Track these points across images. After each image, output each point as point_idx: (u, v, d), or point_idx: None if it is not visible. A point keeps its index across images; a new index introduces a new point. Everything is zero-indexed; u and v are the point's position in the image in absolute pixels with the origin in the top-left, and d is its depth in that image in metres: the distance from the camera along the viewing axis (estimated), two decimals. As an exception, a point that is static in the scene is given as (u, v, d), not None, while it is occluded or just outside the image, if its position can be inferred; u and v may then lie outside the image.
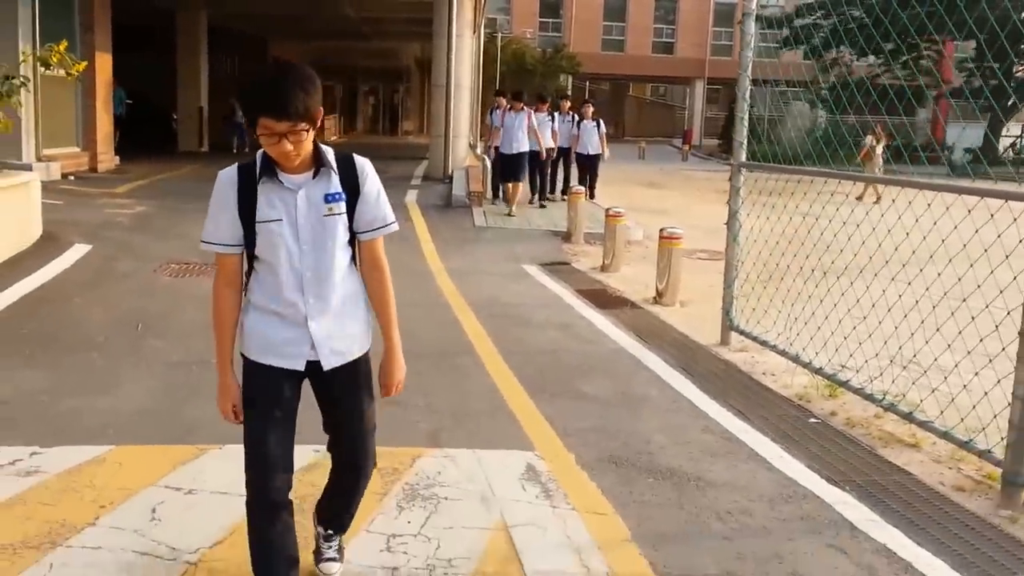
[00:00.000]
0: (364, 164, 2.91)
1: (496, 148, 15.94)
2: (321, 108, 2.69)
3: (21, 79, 9.80)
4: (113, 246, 10.33)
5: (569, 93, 49.99)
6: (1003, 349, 4.64)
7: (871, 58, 28.36)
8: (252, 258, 2.86)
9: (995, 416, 4.72)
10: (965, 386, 5.01)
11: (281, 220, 2.76)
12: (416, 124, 50.93)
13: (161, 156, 22.13)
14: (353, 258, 2.95)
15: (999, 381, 4.71)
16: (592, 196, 16.82)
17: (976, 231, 4.94)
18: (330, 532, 3.32)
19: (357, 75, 50.78)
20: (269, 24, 30.10)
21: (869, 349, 5.89)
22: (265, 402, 2.85)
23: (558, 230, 13.84)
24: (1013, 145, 33.67)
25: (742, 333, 7.37)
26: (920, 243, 5.57)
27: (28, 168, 12.09)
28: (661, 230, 9.46)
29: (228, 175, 2.81)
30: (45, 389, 5.45)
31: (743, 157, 7.50)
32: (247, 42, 31.17)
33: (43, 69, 12.15)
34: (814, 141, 11.97)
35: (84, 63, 10.33)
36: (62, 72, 11.09)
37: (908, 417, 5.31)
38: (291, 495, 2.89)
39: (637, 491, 4.38)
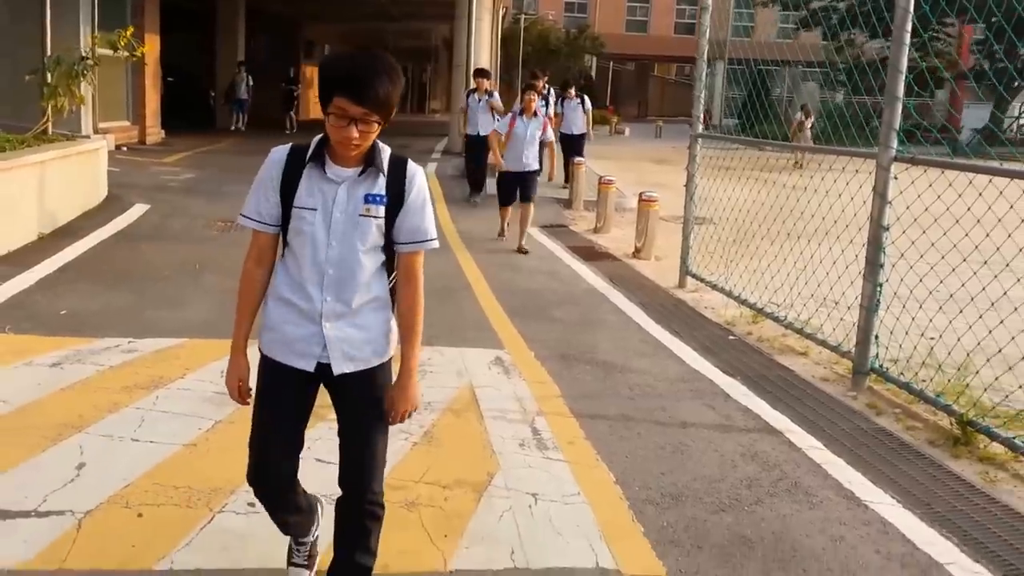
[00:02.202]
0: (416, 172, 2.79)
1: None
2: (396, 103, 2.63)
3: (94, 60, 11.38)
4: (168, 206, 11.94)
5: (593, 75, 51.12)
6: (876, 283, 6.11)
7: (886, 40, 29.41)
8: (285, 243, 2.81)
9: (855, 325, 6.17)
10: (850, 307, 6.48)
11: (316, 210, 2.69)
12: (443, 103, 52.36)
13: (201, 131, 23.75)
14: (384, 266, 2.81)
15: (887, 308, 6.17)
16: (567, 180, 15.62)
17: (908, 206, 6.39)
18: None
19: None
20: (303, 6, 31.60)
21: (801, 293, 7.21)
22: (274, 400, 2.81)
23: (560, 198, 15.31)
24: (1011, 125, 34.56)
25: (695, 277, 8.87)
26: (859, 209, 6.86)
27: (90, 138, 13.69)
28: (640, 194, 10.95)
29: (279, 154, 2.77)
30: (129, 305, 7.02)
31: (699, 129, 9.00)
32: (282, 24, 32.69)
33: (102, 51, 13.69)
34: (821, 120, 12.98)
35: (146, 46, 11.83)
36: (116, 53, 12.71)
37: (800, 331, 6.82)
38: (294, 478, 2.96)
39: (574, 372, 5.90)
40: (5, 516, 3.60)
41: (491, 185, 13.21)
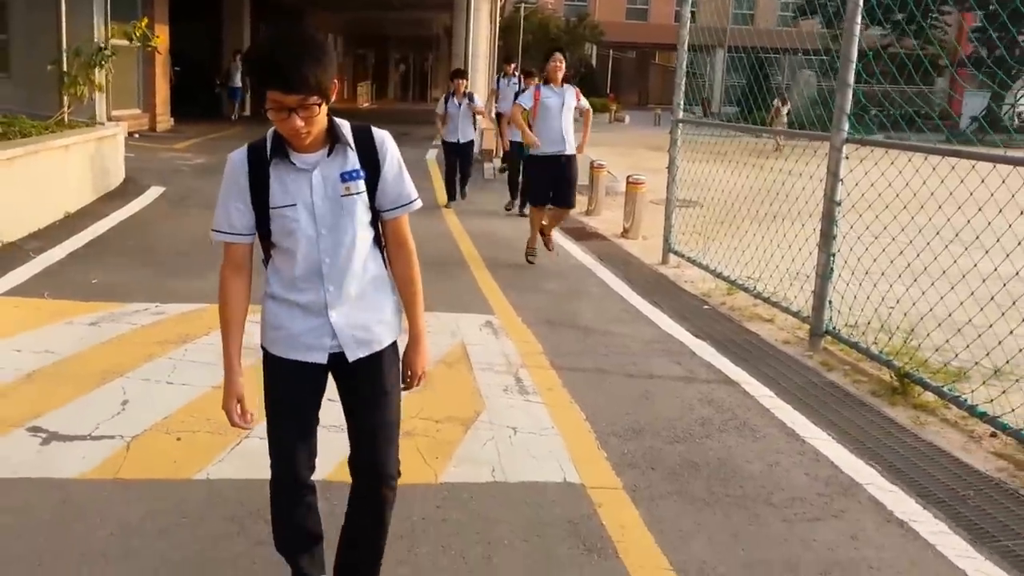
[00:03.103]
0: (384, 137, 2.69)
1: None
2: (335, 80, 2.50)
3: (111, 50, 12.02)
4: (182, 188, 12.59)
5: (594, 63, 51.51)
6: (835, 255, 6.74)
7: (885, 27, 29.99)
8: (269, 246, 2.69)
9: (811, 292, 6.80)
10: (808, 277, 7.12)
11: (295, 205, 2.57)
12: (444, 91, 52.92)
13: (209, 119, 24.36)
14: (376, 239, 2.74)
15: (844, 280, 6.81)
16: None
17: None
18: None
19: (389, 44, 52.82)
20: (306, -5, 32.21)
21: (778, 267, 7.78)
22: (288, 400, 2.74)
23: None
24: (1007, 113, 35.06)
25: (676, 253, 9.51)
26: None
27: (106, 125, 14.33)
28: (628, 177, 11.58)
29: (239, 158, 2.62)
30: (153, 276, 7.66)
31: (680, 115, 9.64)
32: (287, 13, 33.25)
33: (117, 42, 14.30)
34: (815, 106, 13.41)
35: (160, 37, 12.45)
36: (132, 43, 13.35)
37: (767, 300, 7.46)
38: (312, 478, 2.86)
39: (557, 335, 6.54)
40: (64, 439, 4.26)
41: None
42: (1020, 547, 3.76)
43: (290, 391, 2.74)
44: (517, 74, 15.70)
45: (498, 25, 30.38)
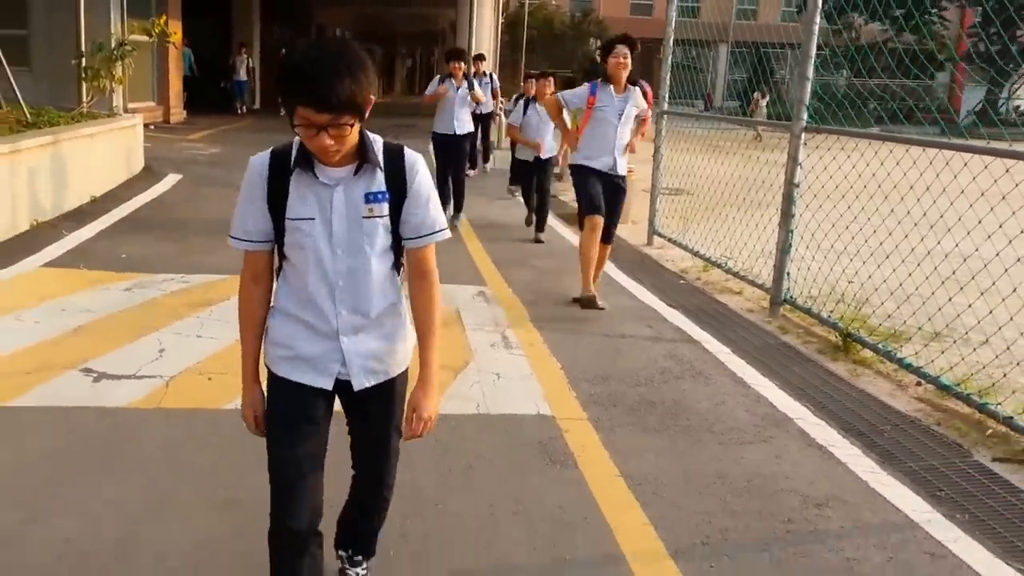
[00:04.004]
0: (415, 161, 2.55)
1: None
2: (372, 96, 2.34)
3: (130, 46, 12.75)
4: (198, 176, 13.32)
5: (598, 59, 52.10)
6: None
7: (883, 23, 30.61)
8: (281, 256, 2.57)
9: (769, 264, 7.51)
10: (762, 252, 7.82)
11: (313, 219, 2.45)
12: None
13: (220, 112, 25.08)
14: (395, 265, 2.60)
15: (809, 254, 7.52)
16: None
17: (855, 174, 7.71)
18: (355, 556, 3.07)
19: (396, 39, 53.45)
20: (314, -9, 32.92)
21: (753, 248, 8.52)
22: (290, 424, 2.57)
23: (555, 172, 16.63)
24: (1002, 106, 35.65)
25: (660, 235, 10.23)
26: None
27: (126, 116, 15.07)
28: (618, 166, 12.28)
29: (259, 163, 2.51)
30: (177, 252, 8.39)
31: (665, 106, 10.35)
32: (295, 8, 33.96)
33: (137, 37, 15.05)
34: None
35: (178, 33, 13.17)
36: (152, 39, 14.09)
37: (736, 274, 8.17)
38: (319, 525, 2.65)
39: (543, 303, 7.26)
40: (112, 378, 4.99)
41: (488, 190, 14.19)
42: (922, 468, 4.47)
43: (294, 415, 2.56)
44: (489, 72, 15.16)
45: (502, 20, 31.04)
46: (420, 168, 2.56)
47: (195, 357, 5.36)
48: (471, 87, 10.81)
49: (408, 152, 2.56)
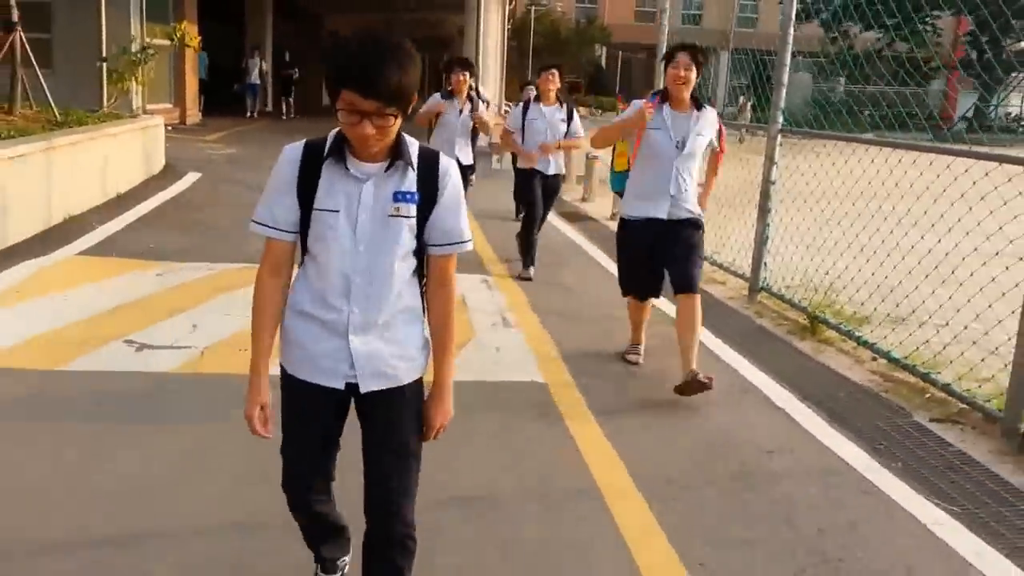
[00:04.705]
0: (449, 167, 2.52)
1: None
2: (416, 93, 2.34)
3: (153, 50, 13.41)
4: (216, 174, 13.98)
5: (603, 64, 52.56)
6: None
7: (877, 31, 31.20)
8: (304, 251, 2.53)
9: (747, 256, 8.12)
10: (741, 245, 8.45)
11: (338, 212, 2.42)
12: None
13: (233, 114, 25.76)
14: (416, 270, 2.56)
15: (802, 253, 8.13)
16: None
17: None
18: None
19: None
20: (326, -2, 33.60)
21: (739, 244, 9.14)
22: (302, 422, 2.59)
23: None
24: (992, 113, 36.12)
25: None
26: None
27: (149, 117, 15.74)
28: (587, 154, 12.96)
29: (292, 151, 2.49)
30: (200, 244, 9.03)
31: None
32: (306, 14, 34.68)
33: (159, 42, 15.71)
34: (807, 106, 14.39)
35: (199, 37, 13.83)
36: (173, 43, 14.77)
37: (720, 265, 8.79)
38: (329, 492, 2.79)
39: (541, 290, 7.89)
40: (152, 348, 5.61)
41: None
42: (867, 426, 5.07)
43: (306, 414, 2.58)
44: (478, 89, 10.59)
45: (508, 27, 31.67)
46: (453, 175, 2.53)
47: (225, 332, 5.98)
48: (475, 109, 8.69)
49: (443, 158, 2.53)
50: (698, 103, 5.60)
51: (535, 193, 8.65)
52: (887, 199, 6.87)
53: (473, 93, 8.90)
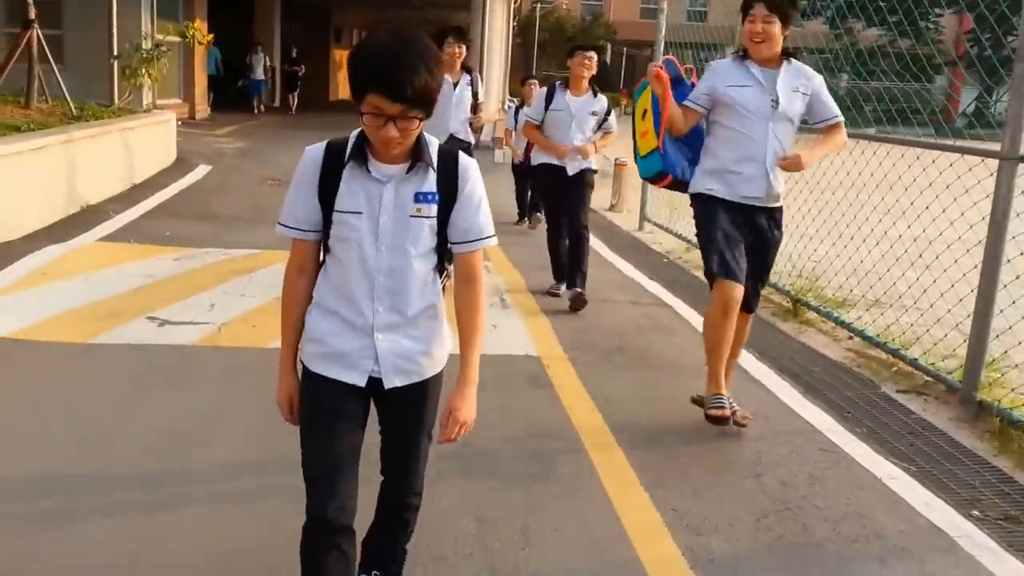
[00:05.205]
0: (469, 166, 2.56)
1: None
2: (437, 94, 2.37)
3: (166, 46, 13.81)
4: (226, 167, 14.39)
5: (608, 61, 52.91)
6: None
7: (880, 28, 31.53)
8: (325, 249, 2.59)
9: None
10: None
11: (361, 213, 2.46)
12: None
13: (241, 109, 26.16)
14: (438, 267, 2.60)
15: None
16: None
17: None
18: None
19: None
20: (332, -6, 33.98)
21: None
22: (324, 420, 2.56)
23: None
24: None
25: (649, 221, 11.26)
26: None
27: (161, 111, 16.14)
28: (615, 159, 13.31)
29: (314, 154, 2.53)
30: (214, 231, 9.43)
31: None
32: (313, 10, 35.05)
33: (171, 38, 16.09)
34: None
35: (212, 35, 14.23)
36: (186, 40, 15.16)
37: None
38: (353, 523, 2.56)
39: (539, 275, 8.23)
40: (173, 324, 6.01)
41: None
42: (838, 397, 5.46)
43: (328, 411, 2.56)
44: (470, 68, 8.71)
45: (514, 24, 32.01)
46: (473, 173, 2.56)
47: (241, 310, 6.38)
48: (475, 93, 7.66)
49: (463, 156, 2.57)
50: (789, 55, 4.57)
51: (552, 199, 7.66)
52: (863, 189, 7.22)
53: (470, 66, 7.81)
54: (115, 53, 14.18)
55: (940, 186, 6.42)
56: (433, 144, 2.51)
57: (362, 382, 2.55)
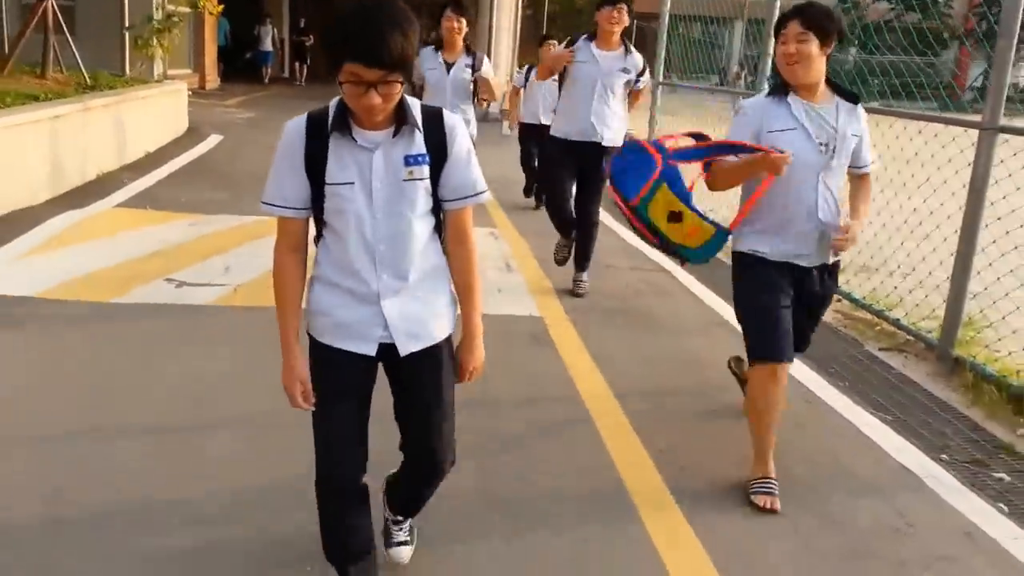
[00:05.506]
0: (454, 122, 2.53)
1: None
2: (415, 57, 2.34)
3: (177, 17, 14.04)
4: (237, 136, 14.66)
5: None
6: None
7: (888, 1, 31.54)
8: (321, 224, 2.55)
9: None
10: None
11: (353, 184, 2.43)
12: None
13: (250, 81, 26.40)
14: (436, 227, 2.59)
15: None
16: None
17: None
18: (399, 517, 3.08)
19: (421, 14, 54.34)
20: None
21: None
22: (335, 391, 2.59)
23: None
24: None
25: (652, 192, 11.50)
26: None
27: (173, 81, 16.38)
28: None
29: (295, 127, 2.49)
30: (228, 198, 9.69)
31: (660, 77, 11.59)
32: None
33: (182, 9, 16.28)
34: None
35: (222, 6, 14.46)
36: (197, 10, 15.37)
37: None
38: (363, 478, 2.67)
39: (543, 241, 8.43)
40: (191, 286, 6.30)
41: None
42: (823, 355, 5.69)
43: (338, 382, 2.59)
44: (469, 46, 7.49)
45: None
46: (460, 130, 2.54)
47: (255, 272, 6.66)
48: (475, 69, 6.89)
49: (447, 114, 2.54)
50: (840, 90, 3.89)
51: (562, 170, 6.61)
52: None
53: (469, 44, 7.09)
54: (127, 24, 14.40)
55: (926, 157, 6.67)
56: (415, 105, 2.49)
57: (373, 351, 2.55)
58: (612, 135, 6.45)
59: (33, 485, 3.52)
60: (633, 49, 6.46)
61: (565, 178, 6.66)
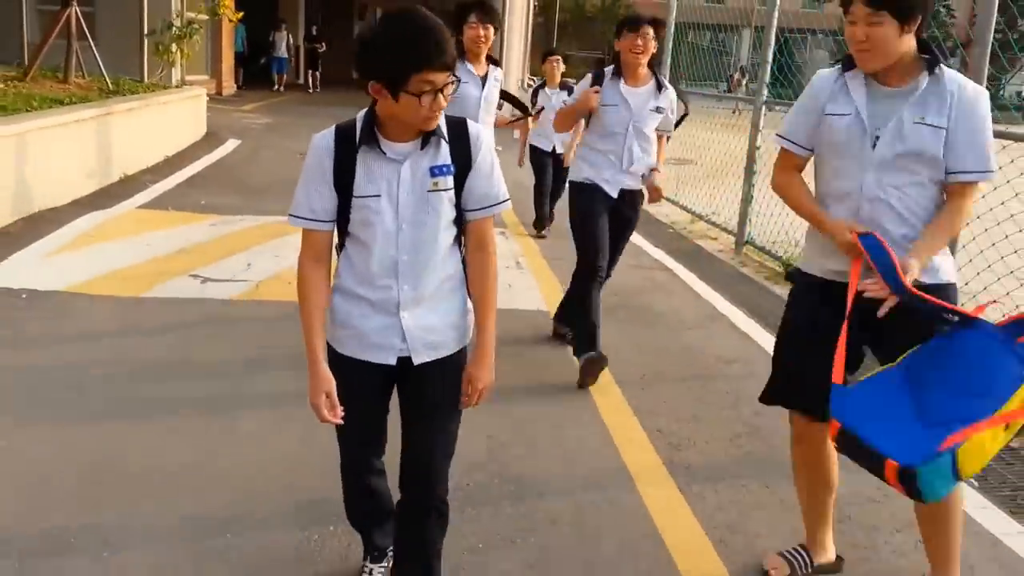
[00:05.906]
0: (479, 132, 2.54)
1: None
2: None
3: (197, 24, 14.39)
4: (255, 141, 15.00)
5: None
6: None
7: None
8: (343, 234, 2.56)
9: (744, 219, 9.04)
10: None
11: (380, 196, 2.44)
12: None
13: (265, 87, 26.76)
14: (457, 238, 2.59)
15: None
16: None
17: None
18: None
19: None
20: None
21: (733, 206, 10.13)
22: (356, 401, 2.59)
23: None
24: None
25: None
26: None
27: (192, 87, 16.74)
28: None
29: (324, 140, 2.50)
30: (247, 201, 10.01)
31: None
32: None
33: (202, 16, 16.65)
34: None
35: (241, 13, 14.81)
36: (216, 17, 15.74)
37: (715, 224, 9.72)
38: (383, 463, 2.85)
39: (551, 241, 8.85)
40: (214, 282, 6.62)
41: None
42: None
43: (358, 392, 2.61)
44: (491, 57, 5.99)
45: (535, 3, 32.37)
46: (484, 139, 2.55)
47: (275, 269, 6.98)
48: (496, 76, 5.63)
49: (472, 124, 2.56)
50: (931, 64, 2.94)
51: (595, 228, 5.60)
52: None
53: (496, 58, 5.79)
54: (147, 30, 14.76)
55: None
56: (440, 117, 2.47)
57: (392, 361, 2.56)
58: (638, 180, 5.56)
59: (68, 466, 3.84)
60: (666, 83, 5.37)
61: (597, 247, 5.53)
